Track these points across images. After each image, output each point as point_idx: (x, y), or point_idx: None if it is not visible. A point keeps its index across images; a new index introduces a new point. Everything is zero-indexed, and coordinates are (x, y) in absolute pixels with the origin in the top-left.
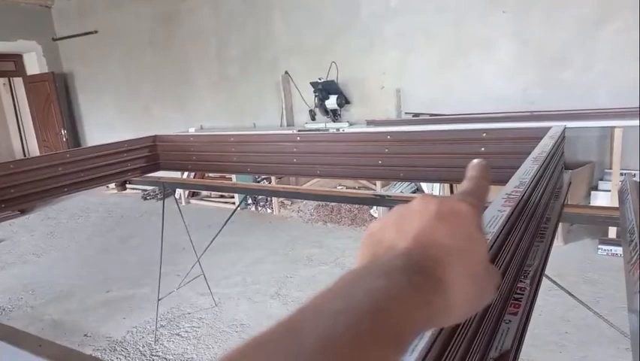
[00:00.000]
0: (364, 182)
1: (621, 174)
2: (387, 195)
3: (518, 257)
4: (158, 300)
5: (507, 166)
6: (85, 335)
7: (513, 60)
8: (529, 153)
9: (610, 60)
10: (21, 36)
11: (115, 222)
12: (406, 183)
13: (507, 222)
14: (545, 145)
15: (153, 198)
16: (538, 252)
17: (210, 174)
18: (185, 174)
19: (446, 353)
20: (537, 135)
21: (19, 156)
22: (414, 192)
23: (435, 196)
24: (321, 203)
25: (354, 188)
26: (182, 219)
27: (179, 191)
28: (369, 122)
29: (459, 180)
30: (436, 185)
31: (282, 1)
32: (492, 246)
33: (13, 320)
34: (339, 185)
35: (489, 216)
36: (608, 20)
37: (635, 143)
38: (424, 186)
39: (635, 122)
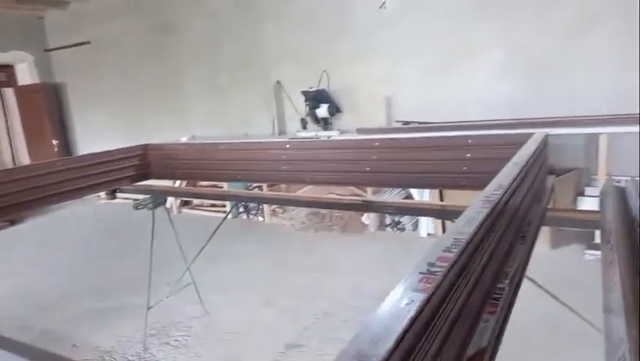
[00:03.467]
0: (355, 189)
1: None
2: (376, 201)
3: (498, 258)
4: (148, 308)
5: (492, 171)
6: (73, 345)
7: (501, 68)
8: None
9: (595, 68)
10: (14, 47)
11: (106, 231)
12: (397, 190)
13: (484, 223)
14: (526, 150)
15: (144, 207)
16: (519, 254)
17: (202, 183)
18: (177, 183)
19: (420, 345)
20: (520, 141)
21: (9, 166)
22: (404, 198)
23: None
24: (312, 211)
25: (344, 195)
26: (173, 228)
27: (170, 201)
28: (359, 131)
29: (446, 186)
30: (426, 191)
31: (275, 12)
32: (467, 246)
33: (3, 329)
34: (330, 193)
35: (467, 217)
36: (592, 30)
37: (622, 149)
38: (414, 192)
39: (620, 129)
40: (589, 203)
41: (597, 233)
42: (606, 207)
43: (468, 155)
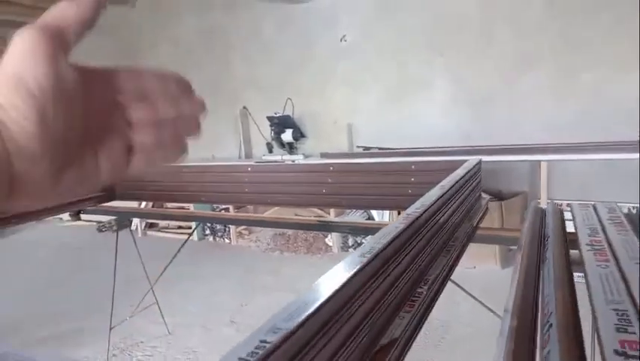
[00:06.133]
0: (318, 211)
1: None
2: (332, 221)
3: (417, 266)
4: (111, 328)
5: None
6: None
7: (449, 99)
8: None
9: (532, 101)
10: None
11: (68, 255)
12: (360, 211)
13: (399, 236)
14: (454, 175)
15: (108, 230)
16: (442, 264)
17: (168, 205)
18: (143, 204)
19: (331, 324)
20: (457, 167)
21: None
22: (367, 219)
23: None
24: (278, 233)
25: (306, 217)
26: (137, 249)
27: (135, 223)
28: (323, 155)
29: (392, 208)
30: (385, 213)
31: (240, 41)
32: (378, 253)
33: None
34: (296, 215)
35: (385, 230)
36: (530, 68)
37: (561, 174)
38: (374, 213)
39: (558, 157)
40: None
41: None
42: (525, 225)
43: (412, 179)
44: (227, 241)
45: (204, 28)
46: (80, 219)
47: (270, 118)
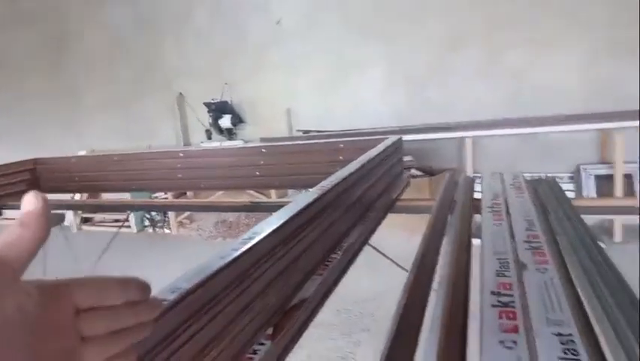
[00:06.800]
0: (254, 193)
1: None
2: (263, 202)
3: (332, 234)
4: None
5: None
6: None
7: (384, 82)
8: None
9: (462, 82)
10: None
11: None
12: (303, 191)
13: (309, 206)
14: (370, 152)
15: None
16: (358, 232)
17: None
18: (77, 198)
19: (234, 285)
20: (380, 144)
21: None
22: None
23: None
24: (219, 220)
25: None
26: (68, 246)
27: (69, 218)
28: (263, 140)
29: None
30: None
31: (173, 27)
32: (291, 219)
33: None
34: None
35: (298, 200)
36: (459, 49)
37: (484, 149)
38: None
39: (483, 133)
40: None
41: None
42: (438, 194)
43: (340, 157)
44: (167, 231)
45: (134, 15)
46: (0, 214)
47: (207, 104)
